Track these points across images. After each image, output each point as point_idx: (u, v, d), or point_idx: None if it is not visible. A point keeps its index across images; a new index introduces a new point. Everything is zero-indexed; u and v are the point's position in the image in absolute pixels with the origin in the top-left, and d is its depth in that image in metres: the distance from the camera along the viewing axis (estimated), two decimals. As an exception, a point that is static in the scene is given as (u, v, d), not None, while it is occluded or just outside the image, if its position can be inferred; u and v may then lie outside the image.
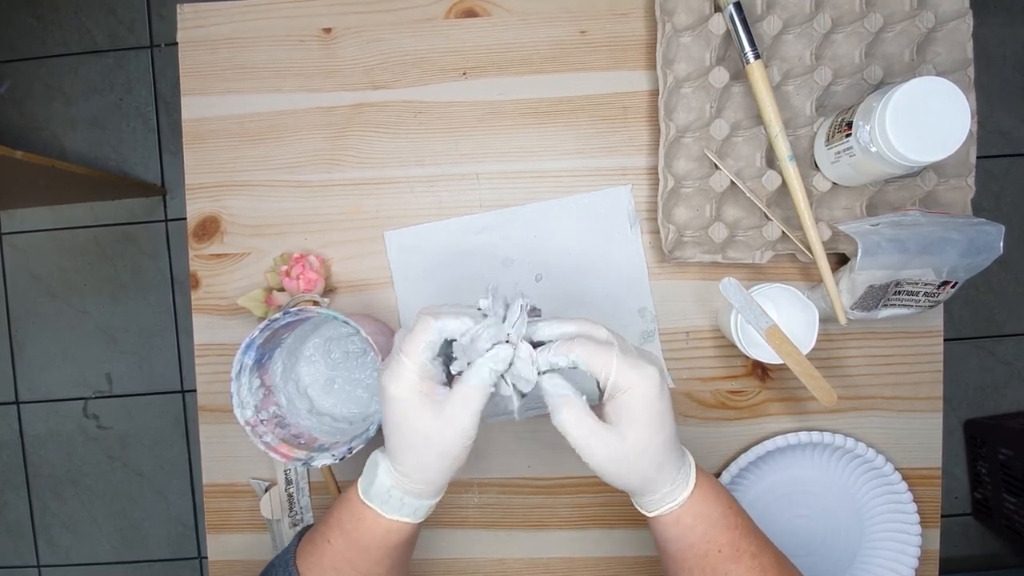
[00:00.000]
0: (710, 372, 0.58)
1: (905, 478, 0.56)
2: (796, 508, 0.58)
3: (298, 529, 0.59)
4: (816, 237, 0.52)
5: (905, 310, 0.52)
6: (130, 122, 1.38)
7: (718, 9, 0.52)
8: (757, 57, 0.51)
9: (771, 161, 0.54)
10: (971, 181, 0.53)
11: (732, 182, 0.53)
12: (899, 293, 0.51)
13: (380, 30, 0.58)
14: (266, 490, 0.59)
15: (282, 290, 0.56)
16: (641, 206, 0.57)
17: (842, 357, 0.57)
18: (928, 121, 0.44)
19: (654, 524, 0.40)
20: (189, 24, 0.59)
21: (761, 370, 0.57)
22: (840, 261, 0.55)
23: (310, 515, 0.59)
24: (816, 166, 0.54)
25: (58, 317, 1.40)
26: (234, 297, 0.58)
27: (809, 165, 0.54)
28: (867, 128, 0.46)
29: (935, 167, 0.53)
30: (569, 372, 0.39)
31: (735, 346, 0.52)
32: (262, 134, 0.59)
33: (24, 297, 1.40)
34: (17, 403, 1.42)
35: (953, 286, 0.51)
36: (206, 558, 0.99)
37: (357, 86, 0.59)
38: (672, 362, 0.57)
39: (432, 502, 0.40)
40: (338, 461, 0.47)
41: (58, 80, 1.38)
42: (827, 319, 0.53)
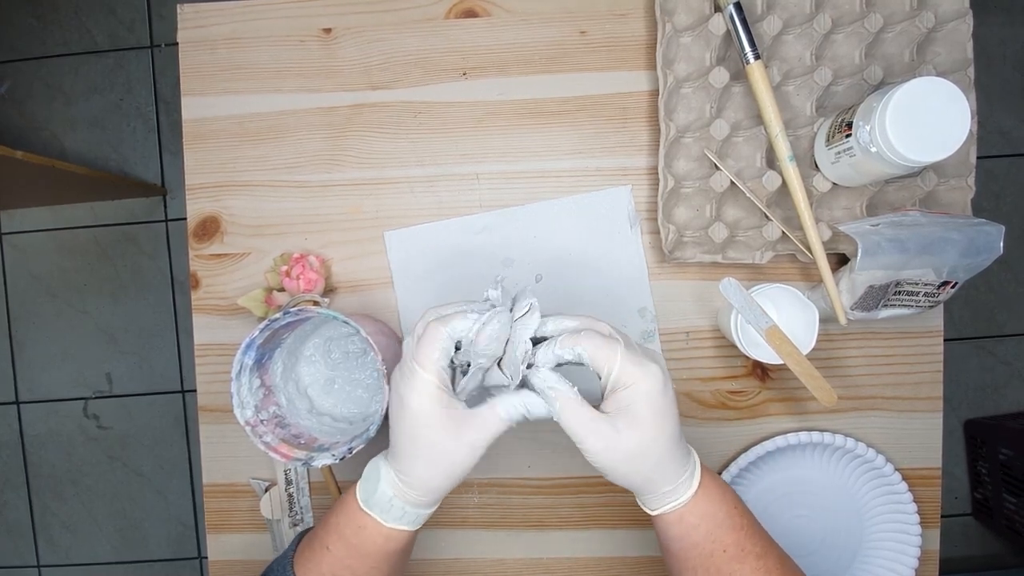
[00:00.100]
0: (710, 372, 0.58)
1: (905, 478, 0.56)
2: (796, 508, 0.58)
3: (298, 530, 0.59)
4: (816, 237, 0.52)
5: (905, 310, 0.52)
6: (130, 122, 1.38)
7: (718, 9, 0.52)
8: (757, 57, 0.51)
9: (771, 161, 0.54)
10: (971, 181, 0.53)
11: (732, 182, 0.53)
12: (899, 293, 0.51)
13: (380, 30, 0.58)
14: (266, 490, 0.59)
15: (282, 290, 0.56)
16: (641, 206, 0.57)
17: (842, 357, 0.57)
18: (928, 121, 0.44)
19: (658, 523, 0.40)
20: (189, 24, 0.59)
21: (761, 370, 0.57)
22: (840, 261, 0.55)
23: (310, 515, 0.59)
24: (816, 166, 0.54)
25: (58, 317, 1.40)
26: (234, 297, 0.59)
27: (809, 165, 0.54)
28: (867, 128, 0.46)
29: (935, 167, 0.53)
30: (569, 372, 0.39)
31: (735, 346, 0.52)
32: (262, 134, 0.59)
33: (24, 297, 1.40)
34: (17, 403, 1.42)
35: (953, 286, 0.51)
36: (206, 558, 0.99)
37: (357, 86, 0.59)
38: (672, 362, 0.57)
39: (431, 510, 0.41)
40: (338, 461, 0.47)
41: (58, 80, 1.38)
42: (827, 319, 0.53)
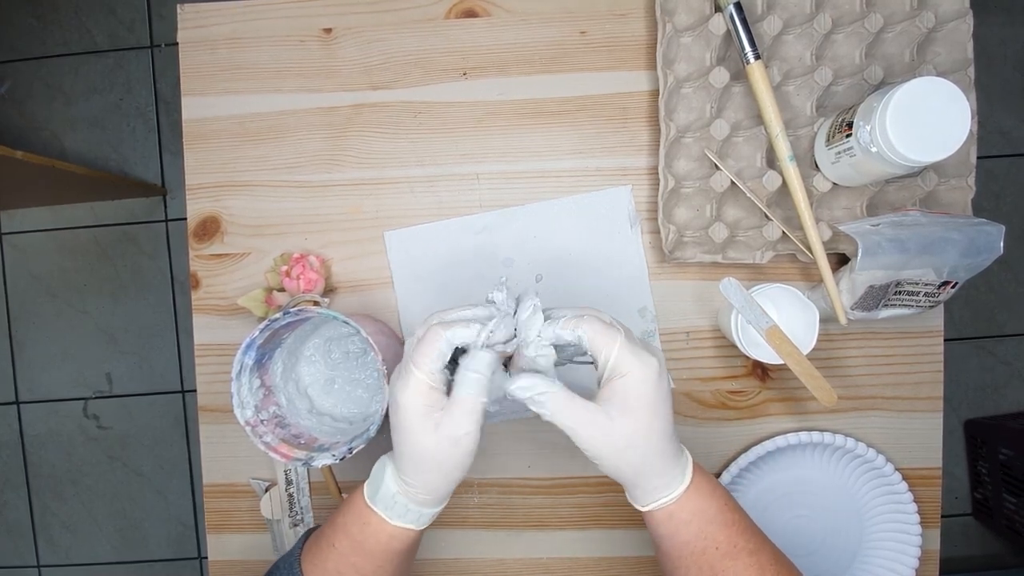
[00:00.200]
0: (710, 372, 0.58)
1: (905, 478, 0.56)
2: (796, 508, 0.58)
3: (298, 530, 0.59)
4: (816, 237, 0.52)
5: (905, 310, 0.52)
6: (130, 122, 1.38)
7: (718, 9, 0.52)
8: (757, 57, 0.51)
9: (771, 161, 0.54)
10: (971, 181, 0.53)
11: (732, 182, 0.53)
12: (899, 293, 0.51)
13: (380, 30, 0.58)
14: (266, 490, 0.59)
15: (282, 290, 0.56)
16: (641, 206, 0.57)
17: (842, 357, 0.57)
18: (928, 121, 0.44)
19: (648, 519, 0.40)
20: (189, 24, 0.59)
21: (761, 370, 0.57)
22: (840, 261, 0.55)
23: (310, 515, 0.59)
24: (816, 166, 0.54)
25: (58, 317, 1.40)
26: (234, 297, 0.58)
27: (809, 165, 0.54)
28: (867, 128, 0.46)
29: (935, 167, 0.53)
30: (564, 374, 0.39)
31: (735, 346, 0.52)
32: (262, 134, 0.59)
33: (24, 297, 1.40)
34: (17, 403, 1.42)
35: (953, 286, 0.51)
36: (206, 558, 0.99)
37: (357, 86, 0.59)
38: (672, 362, 0.57)
39: (436, 510, 0.41)
40: (338, 461, 0.47)
41: (58, 80, 1.38)
42: (827, 319, 0.53)
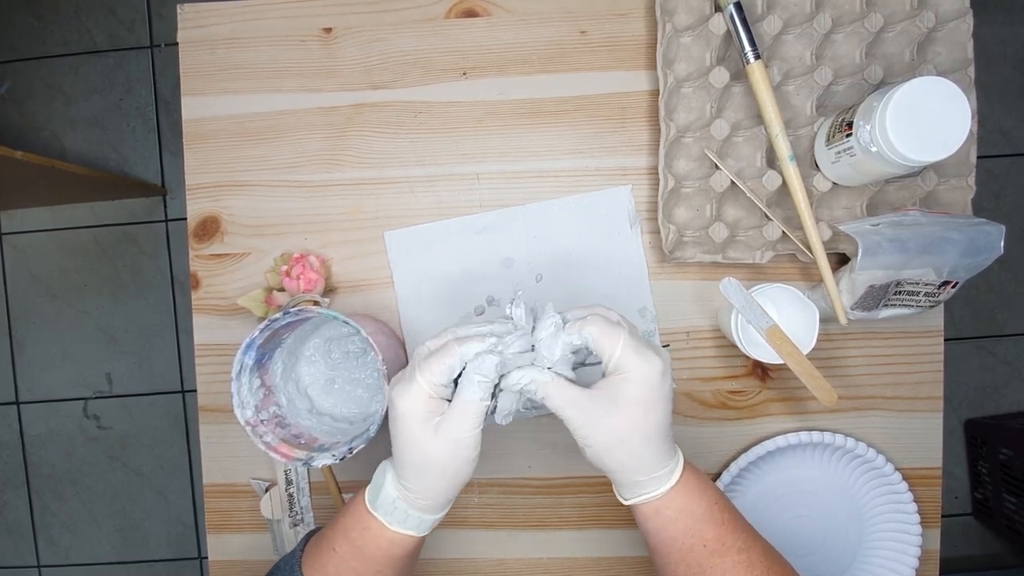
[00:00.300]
0: (710, 372, 0.58)
1: (905, 478, 0.56)
2: (796, 508, 0.58)
3: (298, 530, 0.59)
4: (816, 237, 0.52)
5: (905, 310, 0.52)
6: (130, 122, 1.38)
7: (718, 9, 0.52)
8: (757, 57, 0.51)
9: (771, 161, 0.54)
10: (971, 181, 0.53)
11: (732, 182, 0.53)
12: (899, 293, 0.51)
13: (380, 30, 0.58)
14: (266, 490, 0.59)
15: (282, 290, 0.56)
16: (641, 206, 0.57)
17: (842, 357, 0.57)
18: (928, 121, 0.44)
19: (635, 514, 0.41)
20: (189, 24, 0.59)
21: (761, 370, 0.57)
22: (840, 261, 0.55)
23: (310, 515, 0.59)
24: (816, 166, 0.54)
25: (58, 317, 1.40)
26: (234, 297, 0.58)
27: (809, 165, 0.54)
28: (867, 128, 0.46)
29: (935, 167, 0.53)
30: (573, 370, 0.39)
31: (735, 346, 0.52)
32: (262, 134, 0.59)
33: (24, 297, 1.40)
34: (17, 403, 1.42)
35: (954, 286, 0.51)
36: (206, 558, 0.99)
37: (357, 86, 0.59)
38: (673, 362, 0.57)
39: (437, 516, 0.41)
40: (338, 461, 0.47)
41: (58, 80, 1.38)
42: (827, 319, 0.53)
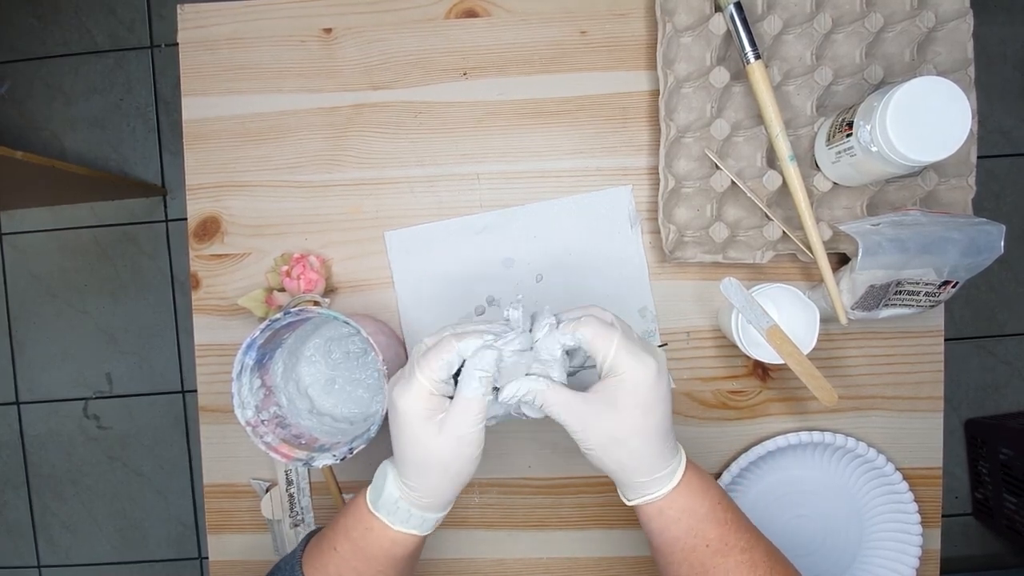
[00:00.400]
0: (711, 372, 0.58)
1: (906, 478, 0.56)
2: (796, 508, 0.58)
3: (299, 530, 0.59)
4: (817, 237, 0.52)
5: (906, 310, 0.52)
6: (130, 122, 1.38)
7: (718, 9, 0.52)
8: (757, 57, 0.51)
9: (772, 161, 0.54)
10: (972, 181, 0.53)
11: (733, 182, 0.53)
12: (900, 293, 0.51)
13: (381, 30, 0.58)
14: (267, 490, 0.59)
15: (283, 290, 0.56)
16: (642, 206, 0.57)
17: (843, 357, 0.57)
18: (929, 121, 0.44)
19: (638, 514, 0.41)
20: (189, 24, 0.59)
21: (762, 370, 0.57)
22: (841, 261, 0.55)
23: (311, 516, 0.59)
24: (817, 166, 0.54)
25: (58, 317, 1.40)
26: (234, 297, 0.58)
27: (810, 165, 0.54)
28: (868, 128, 0.46)
29: (936, 167, 0.53)
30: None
31: (736, 346, 0.52)
32: (263, 134, 0.59)
33: (24, 297, 1.40)
34: (17, 403, 1.42)
35: (954, 286, 0.51)
36: (206, 558, 0.99)
37: (358, 86, 0.59)
38: (673, 362, 0.57)
39: (439, 515, 0.41)
40: (339, 461, 0.47)
41: (58, 80, 1.38)
42: (828, 319, 0.53)
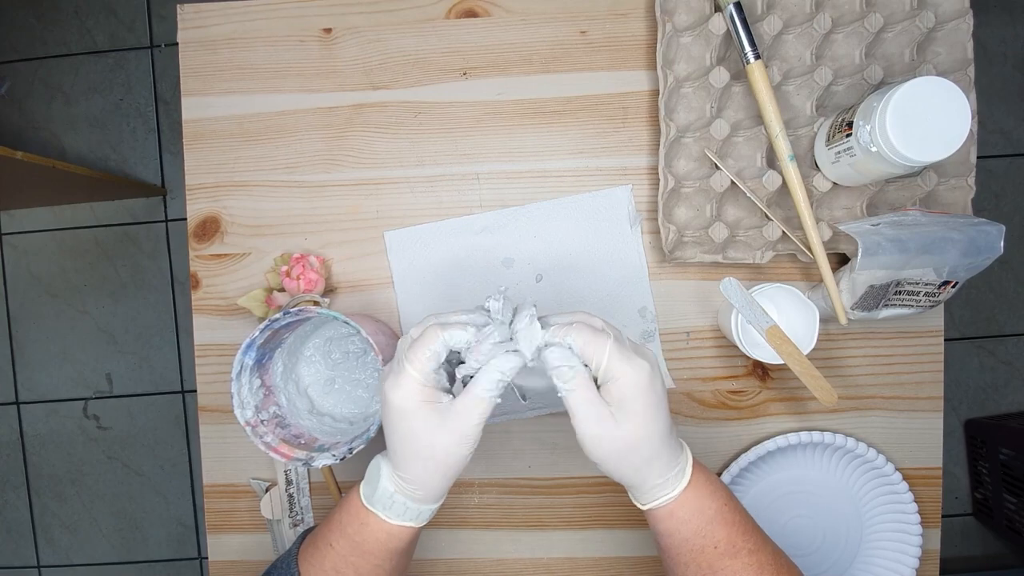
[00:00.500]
0: (710, 372, 0.58)
1: (906, 478, 0.56)
2: (796, 508, 0.58)
3: (299, 530, 0.59)
4: (816, 237, 0.52)
5: (906, 310, 0.52)
6: (130, 122, 1.38)
7: (718, 9, 0.52)
8: (757, 57, 0.51)
9: (771, 161, 0.54)
10: (971, 181, 0.53)
11: (732, 182, 0.53)
12: (900, 293, 0.51)
13: (380, 30, 0.58)
14: (266, 490, 0.59)
15: (282, 290, 0.56)
16: (641, 206, 0.57)
17: (842, 357, 0.57)
18: (928, 121, 0.44)
19: (649, 517, 0.41)
20: (189, 24, 0.59)
21: (761, 370, 0.57)
22: (840, 261, 0.55)
23: (310, 515, 0.59)
24: (816, 166, 0.54)
25: (58, 317, 1.40)
26: (234, 297, 0.58)
27: (809, 165, 0.54)
28: (867, 128, 0.46)
29: (935, 167, 0.53)
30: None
31: (735, 346, 0.52)
32: (262, 134, 0.59)
33: (24, 297, 1.40)
34: (17, 403, 1.42)
35: (954, 286, 0.51)
36: (206, 558, 0.99)
37: (357, 86, 0.59)
38: (672, 362, 0.57)
39: (434, 506, 0.41)
40: (338, 461, 0.47)
41: (58, 80, 1.38)
42: (828, 319, 0.53)
